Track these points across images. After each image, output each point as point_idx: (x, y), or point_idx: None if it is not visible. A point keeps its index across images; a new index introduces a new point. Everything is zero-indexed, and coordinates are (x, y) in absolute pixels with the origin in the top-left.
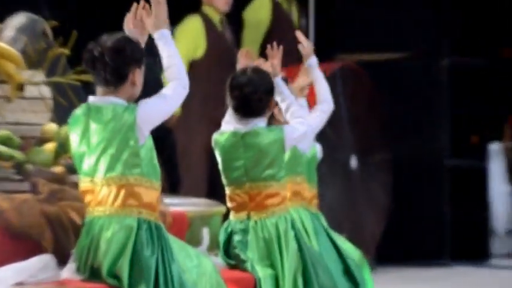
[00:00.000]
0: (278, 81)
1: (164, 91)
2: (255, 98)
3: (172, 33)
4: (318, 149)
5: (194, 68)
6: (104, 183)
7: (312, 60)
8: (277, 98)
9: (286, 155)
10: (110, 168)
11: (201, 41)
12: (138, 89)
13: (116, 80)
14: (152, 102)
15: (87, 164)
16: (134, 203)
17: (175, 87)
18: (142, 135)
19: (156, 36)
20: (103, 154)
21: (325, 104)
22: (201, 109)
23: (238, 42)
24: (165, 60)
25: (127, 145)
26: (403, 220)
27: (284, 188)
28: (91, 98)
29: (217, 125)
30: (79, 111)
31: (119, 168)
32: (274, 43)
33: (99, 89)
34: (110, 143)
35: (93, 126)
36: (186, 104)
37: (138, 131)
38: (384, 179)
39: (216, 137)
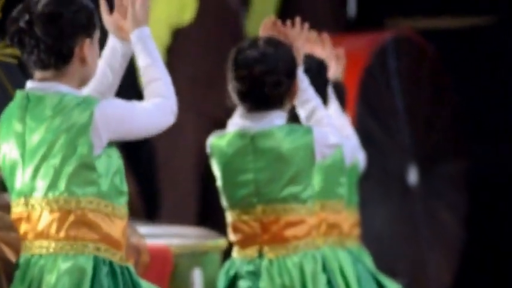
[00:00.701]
0: (299, 75)
1: (145, 103)
2: (271, 81)
3: None
4: (360, 158)
5: (179, 40)
6: (44, 206)
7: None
8: (299, 98)
9: (319, 169)
10: (52, 185)
11: None
12: (92, 67)
13: (55, 59)
14: (123, 103)
15: (20, 179)
16: (89, 235)
17: (162, 106)
18: (99, 141)
19: (132, 37)
20: (42, 165)
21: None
22: (188, 99)
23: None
24: (145, 72)
25: (75, 153)
26: (483, 259)
27: (312, 214)
28: (29, 84)
29: (212, 122)
30: (13, 103)
31: (63, 186)
32: (297, 19)
33: (36, 73)
34: (52, 149)
35: (31, 124)
36: None
37: (94, 135)
38: (456, 198)
39: (213, 140)
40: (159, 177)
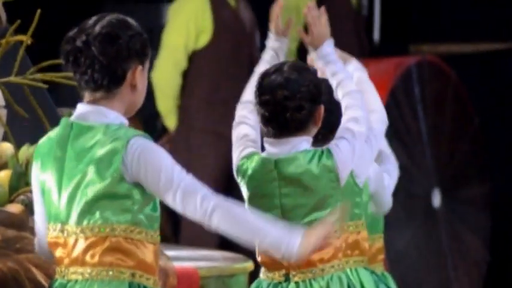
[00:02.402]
0: (326, 49)
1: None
2: (292, 106)
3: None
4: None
5: (196, 63)
6: (79, 233)
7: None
8: (327, 71)
9: None
10: (86, 212)
11: (207, 22)
12: (141, 95)
13: (108, 81)
14: (164, 160)
15: (56, 205)
16: (124, 261)
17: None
18: (129, 172)
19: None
20: (77, 192)
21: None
22: (206, 121)
23: (264, 28)
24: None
25: (108, 182)
26: (507, 282)
27: (338, 236)
28: (79, 108)
29: (230, 143)
30: (56, 130)
31: (98, 214)
32: (322, 8)
33: (85, 94)
34: (85, 177)
35: (71, 152)
36: (183, 115)
37: (124, 166)
38: (479, 221)
39: (240, 162)
40: None
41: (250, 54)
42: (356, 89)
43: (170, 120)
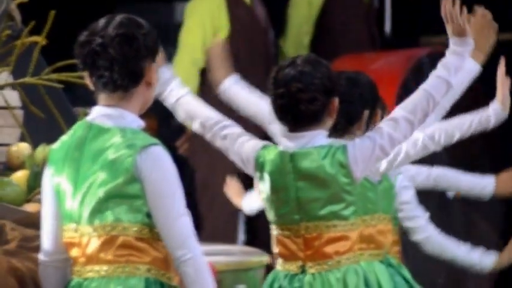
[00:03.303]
0: (467, 42)
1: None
2: (306, 98)
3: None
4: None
5: None
6: (92, 233)
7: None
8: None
9: None
10: (98, 212)
11: (223, 20)
12: (154, 91)
13: (128, 80)
14: (173, 189)
15: (70, 205)
16: (139, 258)
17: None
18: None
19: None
20: (89, 193)
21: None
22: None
23: (275, 23)
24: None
25: (119, 183)
26: None
27: (354, 229)
28: (96, 110)
29: None
30: (74, 130)
31: (109, 213)
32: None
33: (102, 96)
34: (98, 178)
35: (88, 153)
36: None
37: (136, 172)
38: (494, 210)
39: (260, 152)
40: (198, 198)
41: (265, 50)
42: (433, 92)
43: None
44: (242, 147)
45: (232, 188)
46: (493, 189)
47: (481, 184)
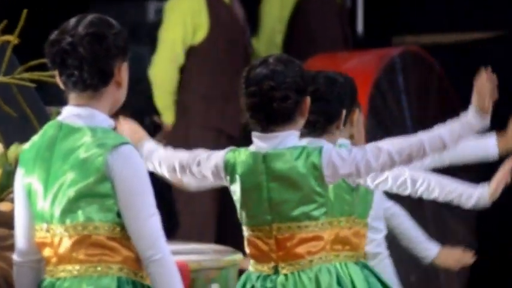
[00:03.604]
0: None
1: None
2: (278, 96)
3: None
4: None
5: (193, 58)
6: (63, 232)
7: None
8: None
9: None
10: (69, 212)
11: (202, 19)
12: (124, 91)
13: (97, 80)
14: (144, 192)
15: (41, 205)
16: (111, 257)
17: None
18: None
19: None
20: (59, 193)
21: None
22: (204, 116)
23: (251, 22)
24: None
25: (89, 182)
26: (494, 268)
27: (325, 229)
28: (66, 110)
29: (230, 140)
30: (44, 130)
31: (80, 213)
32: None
33: (72, 95)
34: (69, 178)
35: (58, 153)
36: (182, 111)
37: (107, 172)
38: (467, 209)
39: (229, 154)
40: (175, 196)
41: (244, 49)
42: (426, 146)
43: (168, 115)
44: (211, 160)
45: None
46: (497, 149)
47: (484, 146)
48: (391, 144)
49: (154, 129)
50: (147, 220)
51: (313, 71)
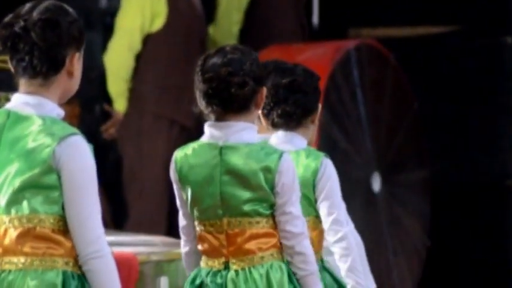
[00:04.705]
0: None
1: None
2: (236, 81)
3: None
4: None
5: (150, 46)
6: (8, 224)
7: None
8: None
9: None
10: (14, 203)
11: (161, 6)
12: (76, 82)
13: (47, 67)
14: (87, 181)
15: None
16: (57, 250)
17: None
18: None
19: None
20: (5, 183)
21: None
22: (158, 106)
23: (207, 9)
24: None
25: (35, 173)
26: (447, 266)
27: (276, 227)
28: (15, 97)
29: (184, 131)
30: None
31: (25, 204)
32: None
33: (22, 81)
34: (14, 168)
35: (5, 142)
36: (135, 99)
37: (53, 162)
38: (420, 206)
39: (178, 153)
40: (126, 186)
41: (201, 39)
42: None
43: (120, 103)
44: (178, 196)
45: None
46: None
47: None
48: (303, 226)
49: (104, 118)
50: (90, 215)
51: (292, 64)
